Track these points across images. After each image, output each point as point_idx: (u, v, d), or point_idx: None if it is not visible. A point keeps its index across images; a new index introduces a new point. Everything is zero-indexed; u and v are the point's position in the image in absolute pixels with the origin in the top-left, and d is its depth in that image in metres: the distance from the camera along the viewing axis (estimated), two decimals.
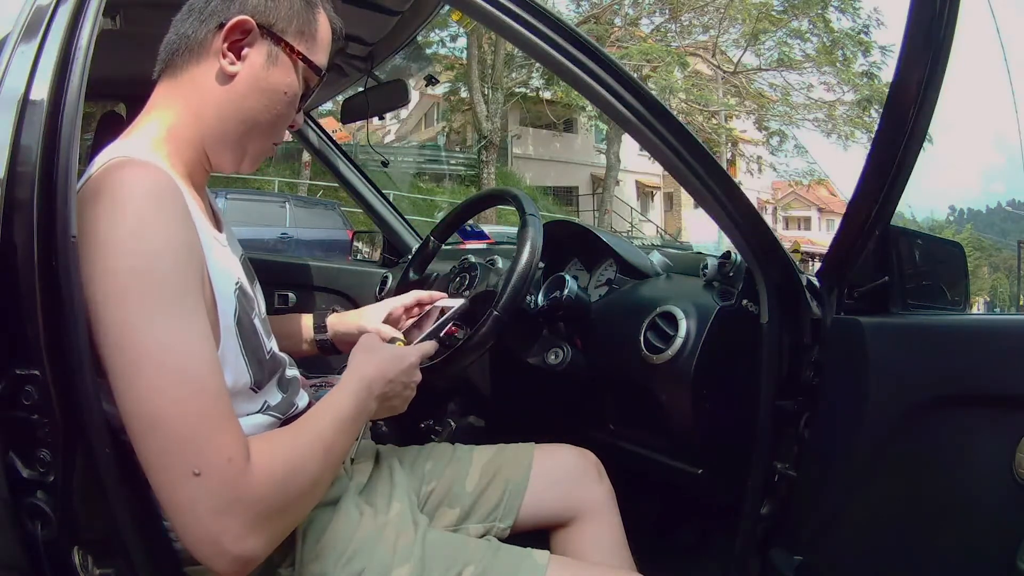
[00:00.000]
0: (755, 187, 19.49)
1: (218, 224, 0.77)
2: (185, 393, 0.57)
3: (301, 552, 0.71)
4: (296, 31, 0.73)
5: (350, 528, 0.74)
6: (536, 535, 0.95)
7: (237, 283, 0.71)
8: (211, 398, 0.59)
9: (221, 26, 0.70)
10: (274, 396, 0.76)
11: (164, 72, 0.73)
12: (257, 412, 0.72)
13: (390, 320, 1.03)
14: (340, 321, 1.04)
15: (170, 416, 0.57)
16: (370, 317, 1.02)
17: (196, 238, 0.64)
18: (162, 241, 0.60)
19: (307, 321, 1.05)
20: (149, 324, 0.58)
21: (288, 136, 0.82)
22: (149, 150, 0.68)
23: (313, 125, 1.73)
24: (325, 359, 1.09)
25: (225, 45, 0.70)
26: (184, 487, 0.57)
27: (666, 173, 1.00)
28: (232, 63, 0.71)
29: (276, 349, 0.81)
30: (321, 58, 0.76)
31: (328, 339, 1.04)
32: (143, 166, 0.63)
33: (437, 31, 14.12)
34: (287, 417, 0.76)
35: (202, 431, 0.57)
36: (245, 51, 0.71)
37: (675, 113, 0.98)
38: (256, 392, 0.73)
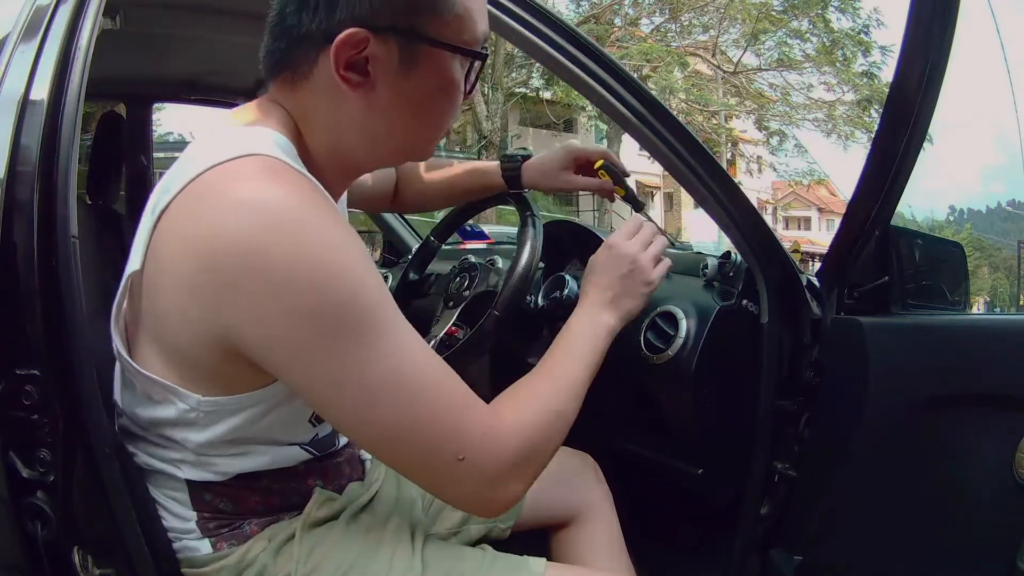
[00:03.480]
0: (755, 187, 19.47)
1: None
2: (427, 398, 0.56)
3: (297, 566, 0.68)
4: (428, 15, 0.59)
5: (347, 541, 0.72)
6: (535, 535, 0.95)
7: None
8: (447, 387, 0.58)
9: (328, 40, 0.58)
10: (324, 429, 0.73)
11: (275, 84, 0.64)
12: (295, 444, 0.70)
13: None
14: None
15: (419, 425, 0.56)
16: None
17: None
18: (353, 264, 0.54)
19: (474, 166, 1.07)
20: (372, 354, 0.54)
21: None
22: (281, 151, 0.59)
23: None
24: None
25: (340, 68, 0.58)
26: (451, 472, 0.58)
27: (666, 173, 1.00)
28: (356, 85, 0.59)
29: None
30: (473, 32, 0.62)
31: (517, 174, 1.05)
32: (284, 174, 0.56)
33: None
34: (323, 454, 0.74)
35: (453, 422, 0.57)
36: (369, 65, 0.59)
37: (675, 113, 0.97)
38: (314, 426, 0.71)
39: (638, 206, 1.03)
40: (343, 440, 0.78)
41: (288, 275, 0.51)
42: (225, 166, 0.55)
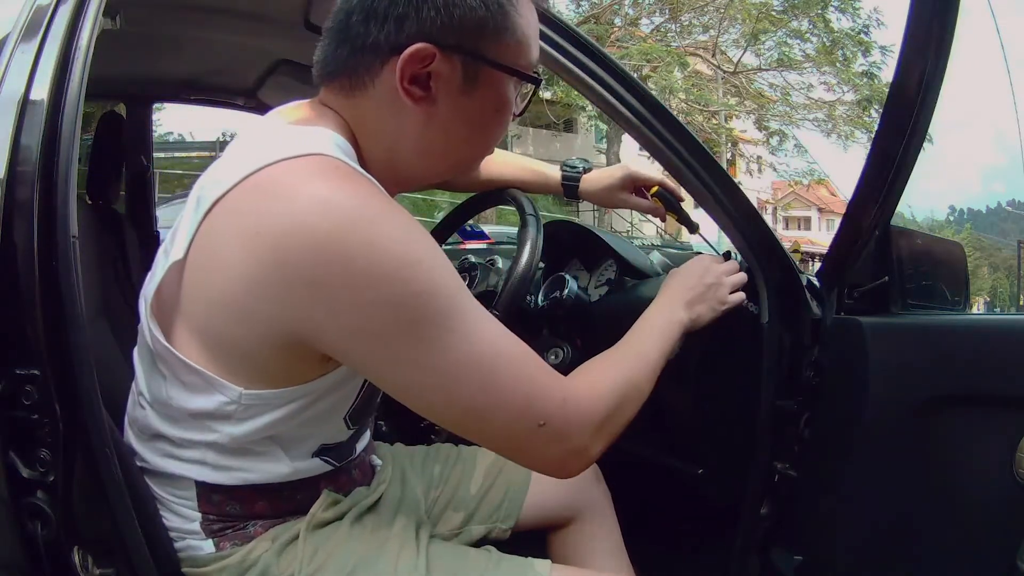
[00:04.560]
0: (755, 187, 19.47)
1: None
2: (505, 372, 0.58)
3: (301, 566, 0.68)
4: (492, 38, 0.62)
5: (351, 542, 0.72)
6: (534, 536, 0.95)
7: None
8: (523, 358, 0.60)
9: (394, 51, 0.60)
10: (342, 435, 0.73)
11: (328, 89, 0.65)
12: (314, 456, 0.70)
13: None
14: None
15: (500, 398, 0.58)
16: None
17: None
18: (427, 255, 0.56)
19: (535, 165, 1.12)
20: (451, 339, 0.56)
21: None
22: (342, 152, 0.60)
23: None
24: None
25: (405, 81, 0.60)
26: (533, 440, 0.61)
27: (666, 172, 1.00)
28: (418, 99, 0.61)
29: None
30: (528, 58, 0.65)
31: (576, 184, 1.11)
32: (351, 174, 0.57)
33: None
34: (342, 464, 0.74)
35: (532, 392, 0.60)
36: (432, 80, 0.61)
37: (675, 113, 0.98)
38: (349, 428, 0.72)
39: (692, 228, 1.07)
40: (360, 447, 0.79)
41: (367, 268, 0.53)
42: (290, 163, 0.56)
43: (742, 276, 0.93)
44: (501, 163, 1.10)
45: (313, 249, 0.53)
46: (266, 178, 0.56)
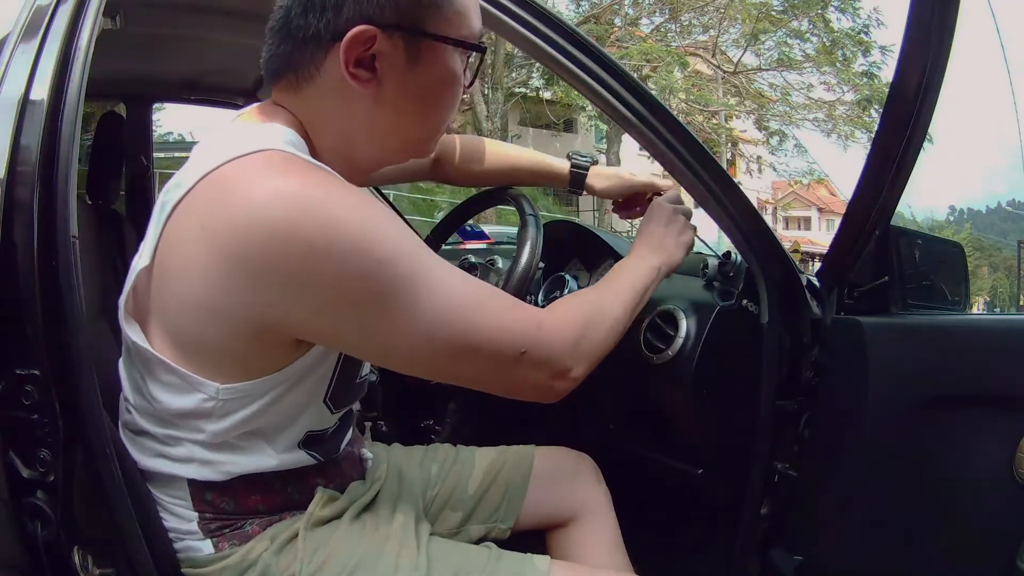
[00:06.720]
0: (755, 187, 19.46)
1: None
2: (477, 316, 0.61)
3: (301, 565, 0.68)
4: (430, 12, 0.62)
5: (351, 541, 0.72)
6: (534, 536, 0.95)
7: None
8: (491, 298, 0.63)
9: (335, 39, 0.60)
10: (329, 421, 0.73)
11: (278, 88, 0.66)
12: (300, 447, 0.70)
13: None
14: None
15: (478, 341, 0.61)
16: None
17: None
18: (383, 223, 0.58)
19: (535, 155, 1.10)
20: (420, 299, 0.58)
21: None
22: (293, 147, 0.61)
23: None
24: None
25: (350, 66, 0.61)
26: (517, 370, 0.63)
27: (666, 173, 1.00)
28: (365, 82, 0.62)
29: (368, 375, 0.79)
30: (471, 28, 0.66)
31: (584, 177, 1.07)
32: (301, 164, 0.59)
33: None
34: (328, 459, 0.74)
35: (505, 325, 0.62)
36: (376, 61, 0.62)
37: (675, 113, 0.98)
38: (332, 412, 0.72)
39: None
40: (345, 441, 0.79)
41: (328, 246, 0.54)
42: (242, 160, 0.57)
43: (688, 208, 0.94)
44: (506, 160, 1.09)
45: (272, 238, 0.54)
46: (219, 177, 0.57)
